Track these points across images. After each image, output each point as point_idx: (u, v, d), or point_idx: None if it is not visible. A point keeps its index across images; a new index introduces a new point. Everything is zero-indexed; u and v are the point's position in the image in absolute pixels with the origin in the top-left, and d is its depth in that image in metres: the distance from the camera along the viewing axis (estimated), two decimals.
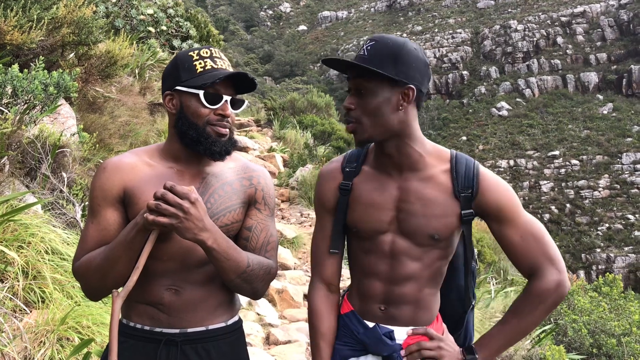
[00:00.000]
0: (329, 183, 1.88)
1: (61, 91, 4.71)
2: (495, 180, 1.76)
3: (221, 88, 1.73)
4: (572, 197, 63.02)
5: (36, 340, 2.81)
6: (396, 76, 1.64)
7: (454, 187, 1.74)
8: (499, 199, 1.74)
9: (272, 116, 16.88)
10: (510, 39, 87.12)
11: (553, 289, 1.70)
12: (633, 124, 69.82)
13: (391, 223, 1.78)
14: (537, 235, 1.73)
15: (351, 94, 1.73)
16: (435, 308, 1.88)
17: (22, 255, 3.18)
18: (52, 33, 5.50)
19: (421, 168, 1.77)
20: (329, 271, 1.91)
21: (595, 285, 9.39)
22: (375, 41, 1.69)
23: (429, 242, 1.76)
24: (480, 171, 1.75)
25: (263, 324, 4.98)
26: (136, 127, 7.01)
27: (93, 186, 1.74)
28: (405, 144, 1.74)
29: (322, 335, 1.88)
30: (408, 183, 1.77)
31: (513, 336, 1.77)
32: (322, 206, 1.90)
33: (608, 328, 7.25)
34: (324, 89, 45.52)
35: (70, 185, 4.62)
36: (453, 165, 1.77)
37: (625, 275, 47.98)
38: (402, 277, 1.78)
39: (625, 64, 77.78)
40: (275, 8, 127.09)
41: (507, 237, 1.74)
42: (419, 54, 1.70)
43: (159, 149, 1.82)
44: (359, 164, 1.86)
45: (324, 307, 1.90)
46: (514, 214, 1.74)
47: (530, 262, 1.73)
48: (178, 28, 12.63)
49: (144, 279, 1.65)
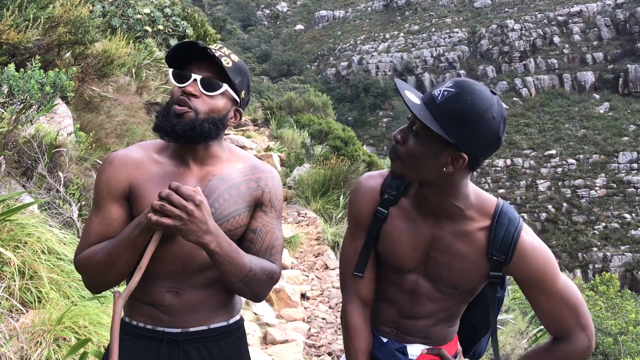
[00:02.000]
0: (365, 202, 1.79)
1: (57, 90, 4.69)
2: (533, 251, 1.63)
3: (194, 67, 1.69)
4: (569, 196, 63.13)
5: (33, 341, 2.80)
6: (453, 139, 1.48)
7: (488, 249, 1.65)
8: (533, 270, 1.63)
9: (269, 115, 16.86)
10: (507, 38, 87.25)
11: (579, 354, 1.65)
12: (629, 123, 69.98)
13: (418, 266, 1.75)
14: (570, 304, 1.64)
15: (407, 126, 1.59)
16: (449, 337, 1.85)
17: (18, 255, 3.17)
18: (49, 32, 5.49)
19: (459, 220, 1.67)
20: (366, 288, 1.84)
21: (592, 284, 9.41)
22: (458, 90, 1.49)
23: (450, 291, 1.73)
24: (520, 239, 1.63)
25: (260, 323, 4.97)
26: (133, 126, 6.99)
27: (99, 179, 1.71)
28: (444, 198, 1.63)
29: (363, 352, 1.83)
30: (442, 232, 1.69)
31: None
32: (357, 222, 1.82)
33: (605, 327, 7.27)
34: (321, 88, 45.51)
35: (66, 185, 4.61)
36: (493, 224, 1.65)
37: (621, 274, 48.13)
38: (419, 315, 1.78)
39: (622, 64, 77.96)
40: (272, 7, 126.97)
41: (538, 303, 1.66)
42: (495, 126, 1.49)
43: (163, 144, 1.79)
44: (398, 194, 1.76)
45: (362, 324, 1.84)
46: (548, 284, 1.64)
47: (560, 327, 1.66)
48: (175, 27, 12.60)
49: (144, 280, 1.64)
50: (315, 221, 8.64)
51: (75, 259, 1.71)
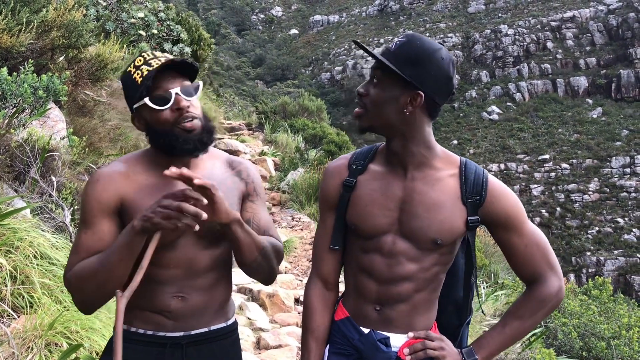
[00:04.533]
0: (333, 179, 1.87)
1: (50, 94, 4.68)
2: (503, 189, 1.77)
3: (165, 84, 1.67)
4: (563, 201, 63.35)
5: (24, 346, 2.79)
6: (409, 78, 1.63)
7: (462, 193, 1.74)
8: (507, 208, 1.74)
9: (264, 120, 16.86)
10: (500, 44, 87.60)
11: (554, 295, 1.75)
12: (622, 128, 70.33)
13: (393, 224, 1.77)
14: (540, 244, 1.76)
15: (367, 81, 1.74)
16: (432, 316, 1.86)
17: (10, 260, 3.16)
18: (42, 36, 5.47)
19: (428, 169, 1.76)
20: (328, 267, 1.90)
21: (585, 288, 9.43)
22: (407, 39, 1.68)
23: (430, 247, 1.74)
24: (489, 179, 1.76)
25: (254, 328, 4.96)
26: (126, 131, 6.97)
27: (87, 198, 1.70)
28: (411, 144, 1.73)
29: (312, 332, 1.87)
30: (414, 184, 1.75)
31: (512, 338, 1.78)
32: (325, 202, 1.90)
33: (598, 331, 7.28)
34: (316, 92, 45.52)
35: (59, 189, 4.59)
36: (462, 170, 1.76)
37: (614, 279, 48.25)
38: (399, 277, 1.77)
39: (615, 69, 78.37)
40: (267, 12, 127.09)
41: (512, 245, 1.76)
42: (445, 66, 1.66)
43: (148, 155, 1.79)
44: (366, 162, 1.85)
45: (318, 303, 1.89)
46: (521, 223, 1.75)
47: (533, 269, 1.76)
48: (169, 31, 12.60)
49: (149, 287, 1.65)
50: (310, 225, 8.63)
51: (66, 276, 1.68)
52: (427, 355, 1.75)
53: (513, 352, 5.74)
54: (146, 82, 1.63)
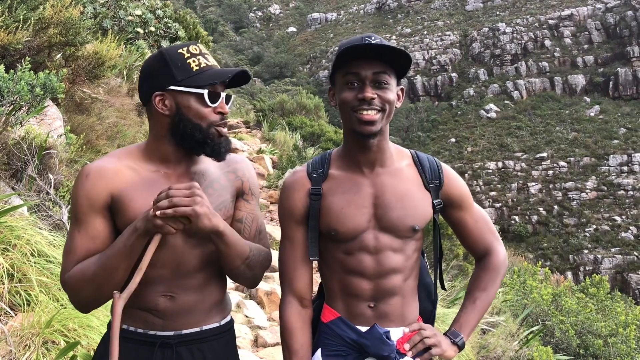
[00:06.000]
0: (296, 192, 1.86)
1: (48, 92, 4.67)
2: (454, 172, 1.94)
3: (218, 86, 1.70)
4: (560, 199, 63.41)
5: (21, 344, 2.78)
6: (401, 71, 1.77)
7: (424, 179, 1.86)
8: (460, 188, 1.92)
9: (262, 118, 16.84)
10: (498, 42, 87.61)
11: (503, 261, 1.96)
12: (620, 126, 70.40)
13: (370, 220, 1.81)
14: (485, 218, 1.98)
15: (367, 86, 1.73)
16: (417, 305, 1.93)
17: (7, 258, 3.15)
18: (39, 34, 5.46)
19: (389, 164, 1.86)
20: (302, 283, 1.88)
21: (583, 286, 9.46)
22: (379, 37, 1.73)
23: (409, 234, 1.82)
24: (442, 164, 1.92)
25: (251, 326, 4.96)
26: (124, 128, 6.97)
27: (77, 195, 1.67)
28: (385, 140, 1.83)
29: (296, 353, 1.85)
30: (380, 178, 1.83)
31: (484, 310, 1.92)
32: (291, 217, 1.87)
33: (595, 329, 7.31)
34: (313, 90, 45.52)
35: (56, 187, 4.58)
36: (416, 160, 1.90)
37: (612, 277, 48.38)
38: (388, 270, 1.81)
39: (612, 67, 78.43)
40: (265, 9, 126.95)
41: (464, 221, 1.94)
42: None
43: (140, 150, 1.77)
44: (325, 170, 1.87)
45: (297, 323, 1.87)
46: (470, 201, 1.95)
47: (484, 241, 1.95)
48: (167, 29, 12.57)
49: (137, 286, 1.63)
50: None
51: (64, 277, 1.66)
52: (425, 345, 1.82)
53: (510, 350, 5.75)
54: (206, 76, 1.66)
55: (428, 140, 76.75)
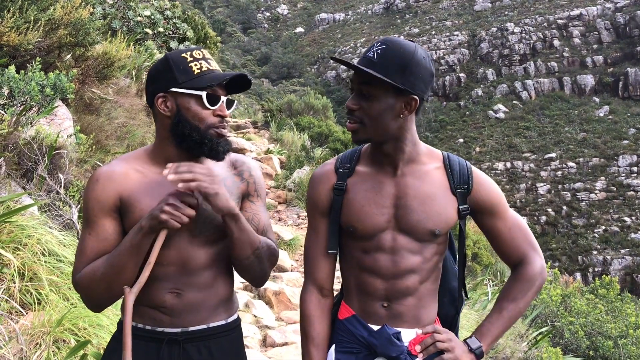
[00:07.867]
0: (322, 185, 1.89)
1: (58, 92, 4.70)
2: (486, 178, 1.88)
3: (218, 89, 1.74)
4: (569, 200, 63.09)
5: (32, 342, 2.80)
6: (402, 85, 1.66)
7: (451, 183, 1.82)
8: (492, 195, 1.86)
9: (269, 118, 16.86)
10: (507, 42, 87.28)
11: (539, 273, 1.85)
12: (629, 127, 69.95)
13: (389, 221, 1.80)
14: (522, 226, 1.89)
15: (355, 95, 1.74)
16: (435, 307, 1.90)
17: (18, 257, 3.17)
18: (49, 34, 5.49)
19: (416, 165, 1.82)
20: (322, 274, 1.91)
21: (592, 287, 9.41)
22: (386, 45, 1.69)
23: (428, 238, 1.80)
24: (473, 169, 1.86)
25: (260, 326, 4.97)
26: (133, 128, 7.00)
27: (87, 198, 1.72)
28: (402, 144, 1.79)
29: (313, 340, 1.88)
30: (405, 179, 1.81)
31: (510, 321, 1.84)
32: (316, 208, 1.90)
33: (605, 330, 7.27)
34: (321, 90, 45.50)
35: (66, 186, 4.61)
36: (447, 163, 1.86)
37: (621, 278, 48.06)
38: (404, 271, 1.81)
39: (622, 67, 77.94)
40: (273, 10, 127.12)
41: (497, 229, 1.87)
42: (427, 64, 1.71)
43: (147, 153, 1.81)
44: (352, 165, 1.88)
45: (316, 311, 1.90)
46: (503, 208, 1.87)
47: (518, 251, 1.87)
48: (175, 30, 12.62)
49: (145, 284, 1.65)
50: None
51: (75, 278, 1.71)
52: (437, 349, 1.79)
53: (519, 351, 5.73)
54: (206, 79, 1.69)
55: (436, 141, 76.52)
